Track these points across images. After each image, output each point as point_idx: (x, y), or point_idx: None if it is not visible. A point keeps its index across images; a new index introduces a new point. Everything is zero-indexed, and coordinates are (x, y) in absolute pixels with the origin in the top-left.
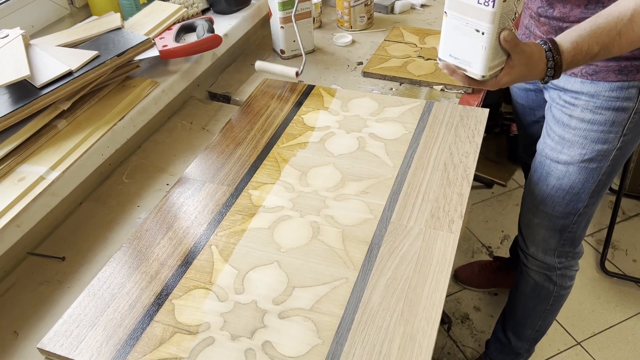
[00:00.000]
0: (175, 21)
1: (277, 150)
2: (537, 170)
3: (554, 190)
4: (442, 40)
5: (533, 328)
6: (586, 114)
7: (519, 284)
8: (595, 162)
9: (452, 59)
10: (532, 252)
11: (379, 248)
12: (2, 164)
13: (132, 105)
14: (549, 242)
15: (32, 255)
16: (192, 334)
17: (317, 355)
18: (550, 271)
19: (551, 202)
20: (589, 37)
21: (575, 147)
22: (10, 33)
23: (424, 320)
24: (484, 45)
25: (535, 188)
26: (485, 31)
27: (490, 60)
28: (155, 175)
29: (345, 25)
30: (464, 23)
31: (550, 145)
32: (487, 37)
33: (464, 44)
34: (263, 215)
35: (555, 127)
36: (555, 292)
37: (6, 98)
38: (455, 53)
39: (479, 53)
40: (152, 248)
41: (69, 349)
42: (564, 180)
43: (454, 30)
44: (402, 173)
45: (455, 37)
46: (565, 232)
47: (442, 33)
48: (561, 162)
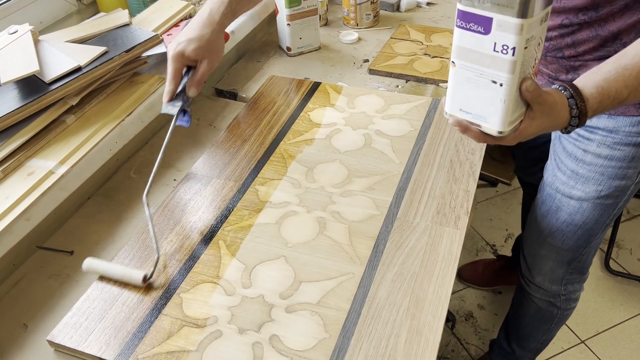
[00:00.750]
0: (183, 18)
1: (284, 147)
2: (546, 203)
3: (565, 225)
4: (450, 93)
5: (537, 341)
6: (603, 149)
7: (522, 305)
8: (611, 198)
9: (464, 114)
10: (537, 282)
11: (385, 244)
12: (12, 159)
13: (140, 101)
14: (557, 272)
15: (41, 249)
16: (200, 327)
17: (324, 348)
18: (555, 298)
19: (561, 236)
20: (615, 80)
21: (591, 183)
22: (20, 29)
23: (430, 315)
24: (502, 98)
25: (543, 220)
26: (504, 82)
27: (510, 114)
28: (163, 171)
29: (351, 23)
30: (477, 74)
31: (562, 180)
32: (506, 89)
33: (478, 97)
34: (270, 210)
35: (567, 161)
36: (559, 314)
37: (16, 93)
38: (467, 107)
39: (496, 107)
40: (160, 242)
41: (77, 341)
42: (576, 216)
43: (464, 82)
44: (408, 169)
45: (467, 90)
46: (574, 262)
47: (449, 85)
48: (574, 198)
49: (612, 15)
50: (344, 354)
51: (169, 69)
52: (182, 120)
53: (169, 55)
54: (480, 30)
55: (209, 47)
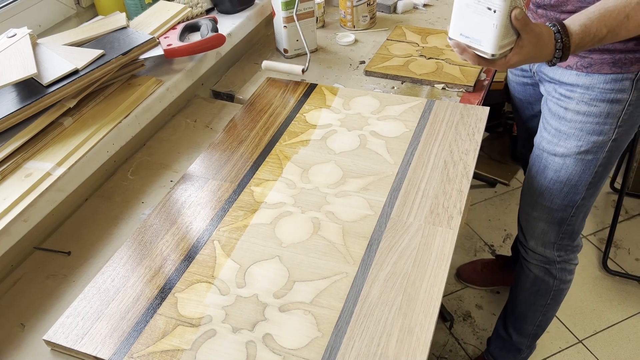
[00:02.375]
0: (180, 21)
1: (280, 148)
2: (535, 164)
3: (552, 183)
4: (452, 19)
5: (534, 323)
6: (581, 106)
7: (519, 279)
8: (591, 153)
9: (463, 38)
10: (531, 246)
11: (378, 243)
12: (10, 161)
13: (137, 103)
14: (548, 235)
15: (39, 250)
16: (194, 326)
17: (317, 347)
18: (550, 265)
19: (549, 195)
20: (597, 20)
21: (571, 139)
22: (18, 32)
23: (422, 314)
24: (495, 23)
25: (533, 182)
26: (497, 9)
27: (501, 38)
28: (160, 172)
29: (348, 25)
30: (476, 1)
31: (547, 139)
32: (499, 15)
33: (475, 23)
34: (265, 211)
35: (552, 120)
36: (555, 286)
37: (14, 96)
38: (465, 32)
39: (490, 31)
40: (156, 243)
41: (74, 340)
42: (561, 173)
43: (465, 8)
44: (402, 170)
45: (467, 16)
46: (564, 224)
47: (453, 12)
48: (558, 155)
49: None
50: (336, 353)
51: None
52: None
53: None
54: None
55: None
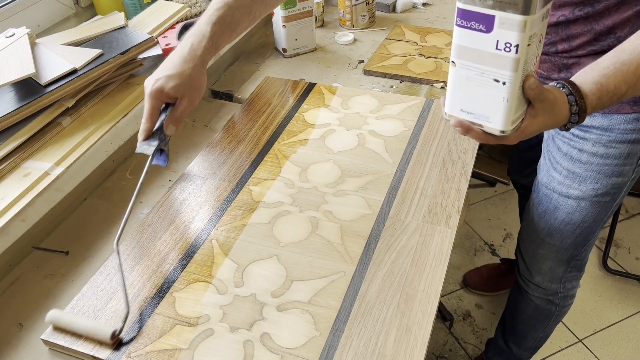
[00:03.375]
0: (178, 20)
1: (278, 147)
2: (543, 204)
3: (563, 225)
4: (449, 94)
5: (535, 339)
6: (599, 148)
7: (518, 304)
8: (609, 195)
9: (465, 114)
10: (537, 281)
11: (376, 243)
12: (8, 160)
13: (135, 103)
14: (556, 271)
15: (37, 249)
16: (192, 325)
17: (314, 346)
18: (553, 296)
19: (559, 235)
20: (614, 76)
21: (588, 182)
22: (17, 32)
23: (420, 313)
24: (505, 96)
25: (540, 221)
26: (507, 81)
27: (513, 112)
28: (158, 172)
29: (347, 24)
30: (479, 73)
31: (558, 180)
32: (510, 87)
33: (479, 97)
34: (263, 210)
35: (563, 161)
36: (557, 311)
37: (12, 95)
38: (467, 107)
39: (499, 105)
40: (154, 242)
41: (71, 340)
42: (574, 215)
43: (465, 81)
44: (400, 169)
45: (468, 89)
46: (573, 261)
47: (449, 85)
48: (572, 197)
49: (608, 10)
50: (333, 352)
51: (146, 106)
52: (159, 160)
53: (147, 91)
54: (481, 29)
55: (190, 84)
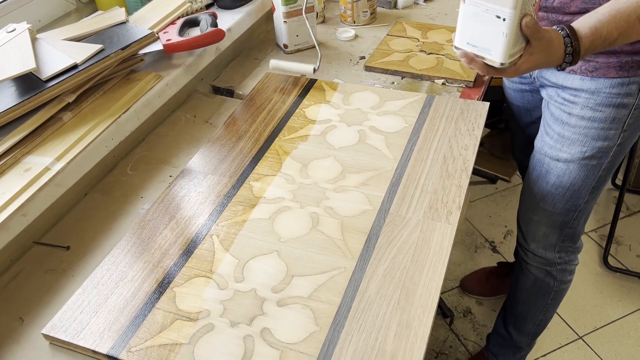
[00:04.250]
0: (179, 16)
1: (279, 143)
2: (536, 168)
3: (554, 188)
4: (459, 28)
5: (534, 322)
6: (586, 111)
7: (519, 279)
8: (595, 159)
9: (470, 47)
10: (532, 249)
11: (377, 238)
12: (9, 155)
13: (136, 98)
14: (550, 238)
15: (38, 244)
16: (192, 320)
17: (315, 341)
18: (551, 266)
19: (551, 199)
20: (607, 22)
21: (576, 144)
22: (17, 27)
23: (420, 309)
24: (504, 31)
25: (534, 186)
26: (507, 17)
27: (511, 47)
28: (159, 167)
29: (348, 20)
30: (484, 9)
31: (549, 144)
32: (509, 23)
33: (483, 31)
34: (264, 206)
35: (554, 125)
36: (556, 287)
37: (13, 90)
38: (473, 41)
39: (499, 40)
40: (155, 237)
41: (72, 334)
42: (564, 178)
43: (472, 17)
44: (401, 165)
45: (474, 24)
46: (566, 228)
47: (459, 20)
48: (561, 160)
49: None
50: (334, 347)
51: None
52: None
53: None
54: None
55: None
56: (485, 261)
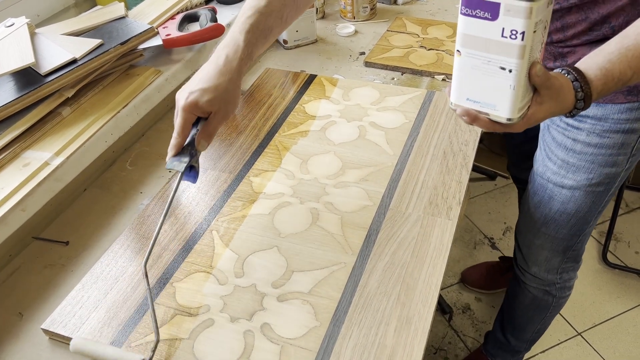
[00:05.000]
0: (179, 10)
1: (279, 139)
2: (538, 193)
3: (558, 215)
4: (455, 83)
5: (532, 331)
6: (593, 138)
7: (517, 296)
8: (602, 185)
9: (471, 103)
10: (533, 272)
11: (377, 234)
12: (8, 150)
13: (135, 93)
14: (552, 262)
15: (37, 240)
16: (192, 315)
17: (315, 337)
18: (550, 286)
19: (554, 225)
20: (619, 61)
21: (582, 171)
22: (16, 22)
23: (420, 304)
24: (511, 84)
25: (536, 211)
26: (514, 68)
27: (520, 100)
28: (158, 163)
29: (348, 16)
30: (485, 61)
31: (553, 170)
32: (516, 75)
33: (486, 85)
34: (263, 201)
35: (558, 151)
36: (554, 303)
37: (11, 85)
38: (474, 96)
39: (505, 93)
40: (154, 233)
41: (72, 329)
42: (569, 205)
43: (471, 70)
44: (401, 161)
45: (474, 78)
46: (569, 251)
47: (454, 74)
48: (566, 187)
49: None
50: (334, 342)
51: (178, 120)
52: (189, 177)
53: (179, 105)
54: (487, 17)
55: (225, 97)
56: (484, 257)
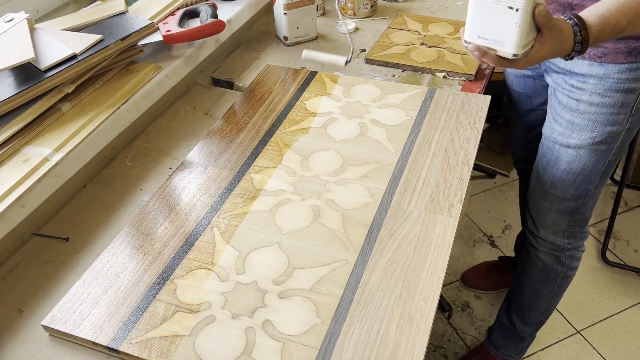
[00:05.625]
0: (179, 6)
1: (279, 135)
2: (546, 156)
3: (565, 174)
4: (469, 22)
5: (538, 311)
6: (595, 97)
7: (526, 267)
8: (605, 144)
9: (482, 40)
10: (542, 235)
11: (378, 231)
12: (7, 146)
13: (135, 89)
14: (560, 224)
15: (37, 236)
16: (193, 312)
17: (316, 333)
18: (560, 252)
19: (562, 185)
20: (617, 11)
21: (585, 130)
22: (15, 17)
23: (422, 301)
24: (517, 22)
25: (544, 173)
26: (520, 7)
27: (524, 37)
28: (158, 159)
29: (348, 13)
30: (495, 1)
31: (559, 131)
32: (522, 13)
33: (495, 23)
34: (264, 198)
35: (563, 113)
36: (563, 273)
37: (11, 80)
38: (484, 34)
39: (512, 30)
40: (155, 229)
41: (72, 326)
42: (574, 164)
43: (482, 9)
44: (403, 158)
45: (485, 17)
46: (576, 213)
47: (469, 14)
48: (571, 147)
49: None
50: (335, 339)
51: None
52: None
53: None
54: None
55: None
56: (483, 256)
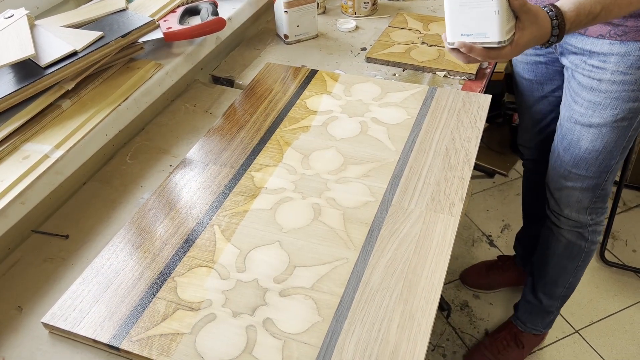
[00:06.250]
0: (180, 4)
1: (280, 134)
2: (566, 137)
3: (587, 153)
4: (449, 23)
5: (564, 286)
6: (617, 75)
7: (550, 245)
8: (627, 120)
9: (465, 37)
10: (566, 214)
11: (379, 230)
12: (7, 142)
13: (136, 87)
14: (583, 202)
15: (37, 233)
16: (194, 310)
17: (317, 332)
18: (583, 228)
19: (585, 164)
20: None
21: (608, 109)
22: (15, 13)
23: (423, 300)
24: (496, 9)
25: (565, 154)
26: None
27: (505, 23)
28: (159, 157)
29: (349, 11)
30: None
31: (580, 111)
32: (498, 1)
33: (474, 17)
34: (265, 196)
35: (583, 93)
36: (587, 248)
37: (11, 77)
38: (466, 30)
39: (492, 19)
40: (155, 227)
41: (72, 323)
42: (597, 142)
43: (459, 7)
44: (404, 157)
45: (463, 14)
46: (598, 189)
47: (447, 16)
48: (594, 126)
49: None
50: (336, 337)
51: None
52: None
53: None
54: None
55: None
56: (482, 255)
